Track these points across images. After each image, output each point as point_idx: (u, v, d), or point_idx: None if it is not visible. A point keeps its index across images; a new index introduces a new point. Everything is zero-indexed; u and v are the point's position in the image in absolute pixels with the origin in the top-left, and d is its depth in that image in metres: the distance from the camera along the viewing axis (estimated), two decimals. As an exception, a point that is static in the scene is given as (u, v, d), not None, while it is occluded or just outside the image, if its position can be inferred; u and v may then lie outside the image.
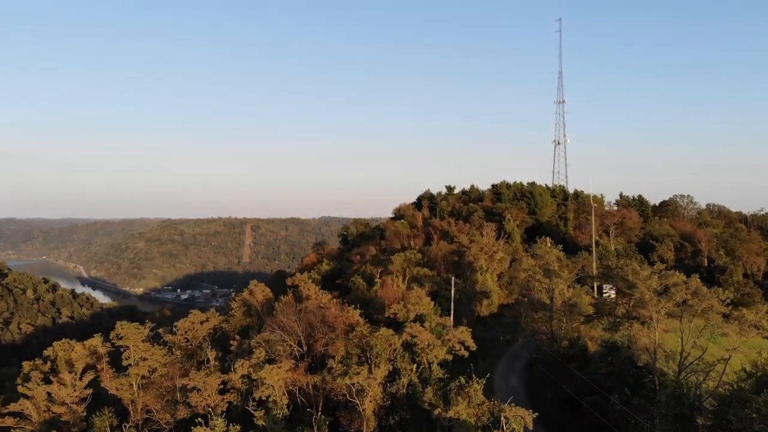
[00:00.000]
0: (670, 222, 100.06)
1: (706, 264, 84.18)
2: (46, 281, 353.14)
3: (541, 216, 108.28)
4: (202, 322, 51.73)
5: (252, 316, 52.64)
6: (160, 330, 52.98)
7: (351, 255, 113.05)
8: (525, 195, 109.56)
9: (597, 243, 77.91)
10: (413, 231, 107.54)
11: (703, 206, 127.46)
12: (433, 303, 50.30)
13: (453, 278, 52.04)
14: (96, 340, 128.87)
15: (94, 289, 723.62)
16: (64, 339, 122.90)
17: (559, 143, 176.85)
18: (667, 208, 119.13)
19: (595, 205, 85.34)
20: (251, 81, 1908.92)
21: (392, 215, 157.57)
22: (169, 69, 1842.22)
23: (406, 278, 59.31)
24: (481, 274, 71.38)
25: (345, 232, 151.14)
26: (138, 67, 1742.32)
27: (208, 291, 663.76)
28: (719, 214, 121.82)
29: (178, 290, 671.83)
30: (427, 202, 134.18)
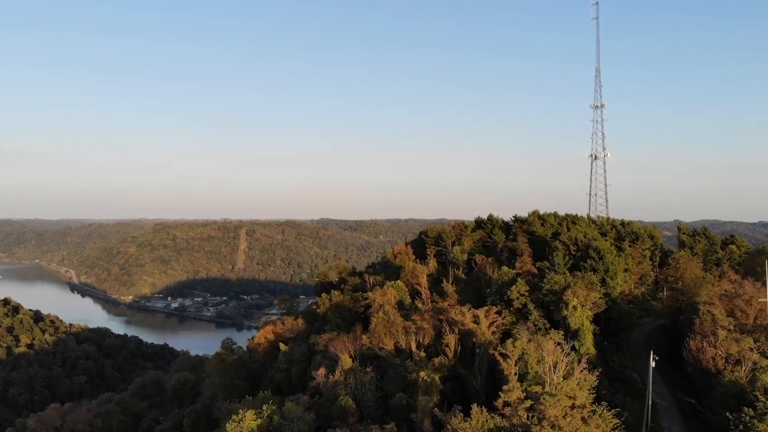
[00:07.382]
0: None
1: None
2: (6, 303, 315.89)
3: (612, 288, 68.48)
4: None
5: None
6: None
7: (318, 343, 74.05)
8: (589, 255, 69.31)
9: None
10: (416, 319, 67.38)
11: None
12: None
13: None
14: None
15: (83, 296, 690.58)
16: None
17: (596, 158, 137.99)
18: (762, 258, 78.64)
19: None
20: (249, 81, 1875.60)
21: (384, 259, 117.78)
22: (167, 69, 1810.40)
23: None
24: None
25: (323, 281, 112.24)
26: (136, 68, 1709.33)
27: (200, 299, 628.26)
28: None
29: (169, 298, 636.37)
30: (433, 248, 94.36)
